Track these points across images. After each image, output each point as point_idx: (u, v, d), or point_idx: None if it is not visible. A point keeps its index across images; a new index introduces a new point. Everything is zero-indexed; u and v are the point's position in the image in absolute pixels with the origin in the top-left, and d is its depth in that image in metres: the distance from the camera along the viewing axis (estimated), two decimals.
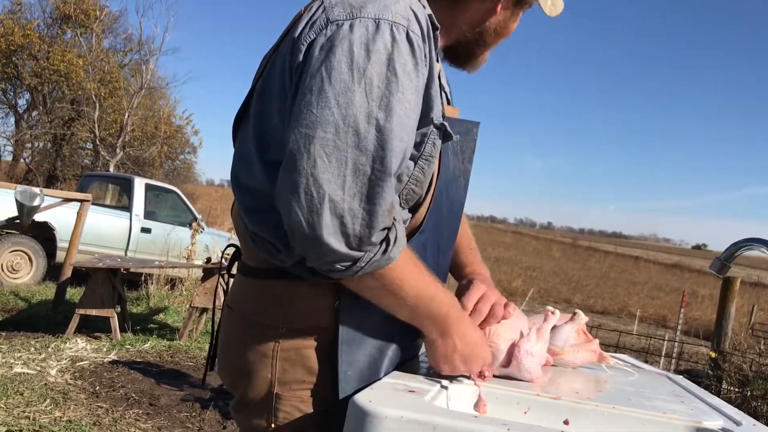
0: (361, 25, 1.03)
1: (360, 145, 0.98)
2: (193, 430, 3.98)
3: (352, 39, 1.02)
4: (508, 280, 22.63)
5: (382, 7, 1.05)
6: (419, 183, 1.15)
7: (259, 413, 1.18)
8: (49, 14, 22.03)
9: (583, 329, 1.48)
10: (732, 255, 1.17)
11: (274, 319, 1.17)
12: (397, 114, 1.01)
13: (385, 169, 0.99)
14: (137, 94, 21.16)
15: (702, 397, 1.35)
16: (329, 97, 0.99)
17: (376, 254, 1.01)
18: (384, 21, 1.03)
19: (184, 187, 19.64)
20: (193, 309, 6.27)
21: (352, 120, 0.98)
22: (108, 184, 12.08)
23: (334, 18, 1.05)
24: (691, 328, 13.68)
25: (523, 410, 1.15)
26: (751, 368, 5.23)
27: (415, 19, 1.08)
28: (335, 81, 0.99)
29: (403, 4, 1.07)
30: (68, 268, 6.91)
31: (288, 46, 1.10)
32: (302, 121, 1.00)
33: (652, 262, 48.32)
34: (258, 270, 1.20)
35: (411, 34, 1.05)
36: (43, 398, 4.05)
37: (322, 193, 0.96)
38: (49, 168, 22.76)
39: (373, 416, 0.90)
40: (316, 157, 0.97)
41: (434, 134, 1.14)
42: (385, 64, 1.02)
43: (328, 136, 0.97)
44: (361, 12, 1.04)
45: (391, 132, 1.00)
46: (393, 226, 1.02)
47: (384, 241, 1.01)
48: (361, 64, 1.00)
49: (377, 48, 1.02)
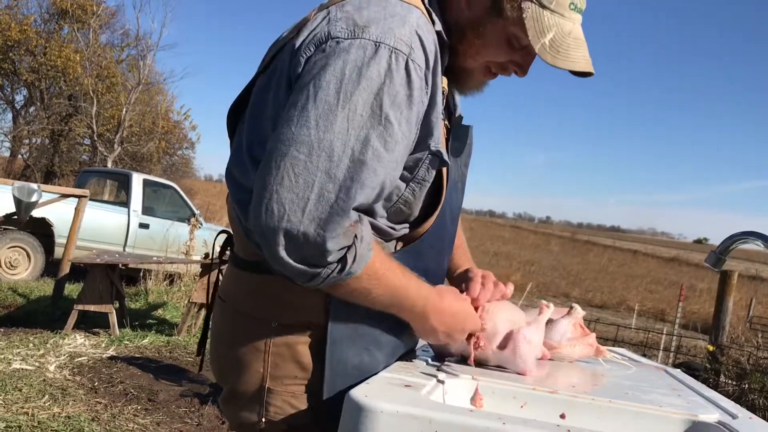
0: (359, 46, 1.01)
1: (330, 171, 0.98)
2: (191, 425, 3.98)
3: (347, 60, 1.00)
4: (506, 275, 22.61)
5: (385, 29, 1.02)
6: (408, 204, 1.15)
7: (250, 407, 1.18)
8: (46, 9, 21.96)
9: (580, 323, 1.49)
10: (727, 248, 1.17)
11: (266, 313, 1.17)
12: (374, 147, 1.00)
13: (349, 200, 0.99)
14: (135, 89, 21.10)
15: (699, 390, 1.35)
16: (310, 116, 0.98)
17: (333, 272, 1.02)
18: (384, 46, 1.01)
19: (182, 183, 19.59)
20: (192, 304, 6.27)
21: (327, 144, 0.97)
22: (106, 180, 12.06)
23: (335, 34, 1.03)
24: (690, 321, 13.69)
25: (520, 404, 1.15)
26: (748, 361, 5.24)
27: (420, 44, 1.05)
28: (320, 101, 0.98)
29: (408, 28, 1.04)
30: (66, 264, 6.91)
31: (288, 53, 1.09)
32: (279, 135, 1.00)
33: (650, 256, 48.33)
34: (252, 263, 1.20)
35: (410, 63, 1.03)
36: (41, 394, 4.05)
37: (281, 212, 0.97)
38: (47, 164, 22.71)
39: (368, 411, 0.90)
40: (284, 175, 0.97)
41: (428, 160, 1.13)
42: (373, 93, 1.00)
43: (300, 156, 0.97)
44: (363, 32, 1.02)
45: (364, 165, 0.99)
46: (353, 245, 1.02)
47: (340, 260, 1.01)
48: (349, 89, 0.99)
49: (370, 74, 1.00)
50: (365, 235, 1.05)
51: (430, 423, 0.88)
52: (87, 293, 5.81)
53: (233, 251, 1.30)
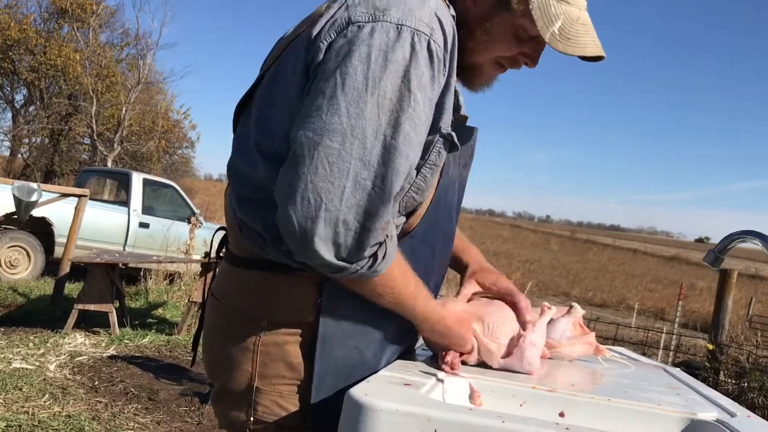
0: (382, 30, 1.01)
1: (364, 158, 0.98)
2: (192, 424, 3.99)
3: (371, 44, 1.00)
4: (506, 274, 22.19)
5: (406, 11, 1.03)
6: (420, 191, 1.14)
7: (239, 406, 1.18)
8: (46, 9, 21.95)
9: (580, 322, 1.49)
10: (725, 247, 1.18)
11: (256, 311, 1.16)
12: (405, 131, 1.00)
13: (385, 187, 0.99)
14: (134, 88, 21.08)
15: (697, 389, 1.35)
16: (340, 104, 0.98)
17: (362, 267, 1.02)
18: (406, 28, 1.02)
19: (182, 182, 19.59)
20: (192, 303, 6.28)
21: (359, 132, 0.97)
22: (106, 179, 12.06)
23: (355, 19, 1.03)
24: (689, 320, 13.69)
25: (519, 403, 1.16)
26: (748, 360, 5.25)
27: (440, 26, 1.06)
28: (348, 88, 0.98)
29: (428, 9, 1.05)
30: (66, 263, 6.92)
31: (304, 42, 1.08)
32: (310, 125, 0.99)
33: (650, 254, 48.33)
34: (243, 260, 1.19)
35: (432, 44, 1.03)
36: (42, 393, 4.06)
37: (318, 201, 0.96)
38: (47, 163, 22.70)
39: (368, 409, 0.91)
40: (318, 165, 0.97)
41: (440, 143, 1.13)
42: (400, 76, 1.00)
43: (333, 145, 0.97)
44: (384, 15, 1.02)
45: (397, 149, 1.00)
46: (384, 243, 1.02)
47: (372, 256, 1.02)
48: (377, 74, 0.99)
49: (395, 57, 1.00)
50: (394, 235, 1.06)
51: (429, 421, 0.89)
52: (87, 292, 5.81)
53: (228, 248, 1.29)
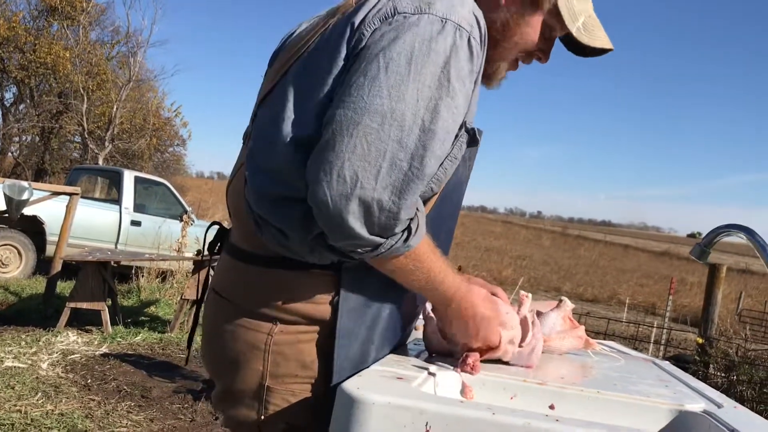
0: (428, 21, 1.04)
1: (402, 140, 0.99)
2: (185, 422, 3.99)
3: (417, 33, 1.03)
4: (498, 270, 22.68)
5: (449, 6, 1.06)
6: (439, 181, 1.16)
7: (249, 405, 1.17)
8: (35, 6, 21.81)
9: (569, 316, 1.50)
10: (711, 241, 1.19)
11: (269, 310, 1.15)
12: (443, 118, 1.03)
13: (422, 168, 1.01)
14: (125, 86, 21.01)
15: (686, 381, 1.37)
16: (382, 86, 1.00)
17: (397, 242, 1.03)
18: (450, 22, 1.04)
19: (173, 180, 19.55)
20: (185, 301, 6.27)
21: (399, 114, 0.99)
22: (97, 177, 12.01)
23: (402, 9, 1.05)
24: (680, 315, 13.78)
25: (510, 396, 1.17)
26: (737, 353, 5.29)
27: (477, 24, 1.09)
28: (391, 72, 1.00)
29: (468, 7, 1.08)
30: (58, 261, 6.89)
31: (343, 30, 1.09)
32: (350, 104, 1.00)
33: (641, 250, 48.55)
34: (255, 255, 1.18)
35: (472, 41, 1.06)
36: (34, 392, 4.06)
37: (355, 179, 0.97)
38: (38, 161, 22.60)
39: (361, 402, 0.92)
40: (357, 143, 0.98)
41: (463, 137, 1.15)
42: (441, 66, 1.03)
43: (373, 125, 0.99)
44: (430, 8, 1.05)
45: (434, 134, 1.02)
46: (416, 216, 1.05)
47: (406, 230, 1.03)
48: (420, 61, 1.01)
49: (438, 48, 1.03)
50: (422, 208, 1.08)
51: (421, 414, 0.90)
52: (79, 291, 5.80)
53: (232, 243, 1.27)
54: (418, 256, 1.09)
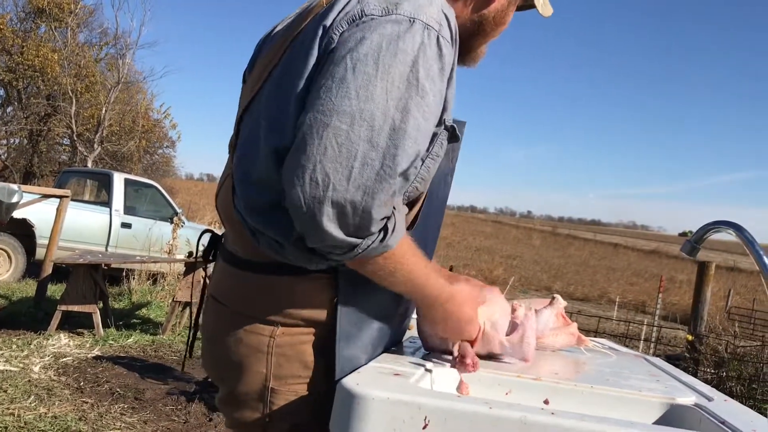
0: (395, 21, 1.05)
1: (372, 140, 0.99)
2: (178, 423, 3.99)
3: (383, 33, 1.03)
4: (489, 269, 22.74)
5: (417, 6, 1.06)
6: (423, 181, 1.16)
7: (253, 406, 1.18)
8: (22, 8, 21.71)
9: (562, 313, 1.52)
10: (701, 237, 1.22)
11: (270, 314, 1.16)
12: (414, 116, 1.03)
13: (394, 167, 1.01)
14: (114, 88, 20.94)
15: (676, 375, 1.40)
16: (350, 87, 1.00)
17: (374, 242, 1.03)
18: (418, 21, 1.05)
19: (163, 182, 19.50)
20: (176, 303, 6.27)
21: (368, 114, 0.99)
22: (87, 180, 11.96)
23: (369, 11, 1.06)
24: (669, 312, 13.87)
25: (505, 391, 1.19)
26: (726, 350, 5.34)
27: (447, 22, 1.10)
28: (359, 72, 1.01)
29: (436, 6, 1.09)
30: (49, 264, 6.87)
31: (314, 33, 1.09)
32: (319, 106, 1.01)
33: (630, 249, 48.76)
34: (253, 263, 1.19)
35: (441, 39, 1.07)
36: (27, 395, 4.05)
37: (327, 181, 0.97)
38: (26, 164, 22.48)
39: (360, 398, 0.93)
40: (327, 145, 0.98)
41: (443, 135, 1.16)
42: (409, 65, 1.03)
43: (342, 126, 0.99)
44: (397, 8, 1.06)
45: (405, 133, 1.02)
46: (392, 216, 1.04)
47: (382, 230, 1.03)
48: (387, 61, 1.02)
49: (405, 47, 1.03)
50: (401, 208, 1.08)
51: (419, 409, 0.92)
52: (70, 293, 5.78)
53: (226, 249, 1.28)
54: (398, 256, 1.09)
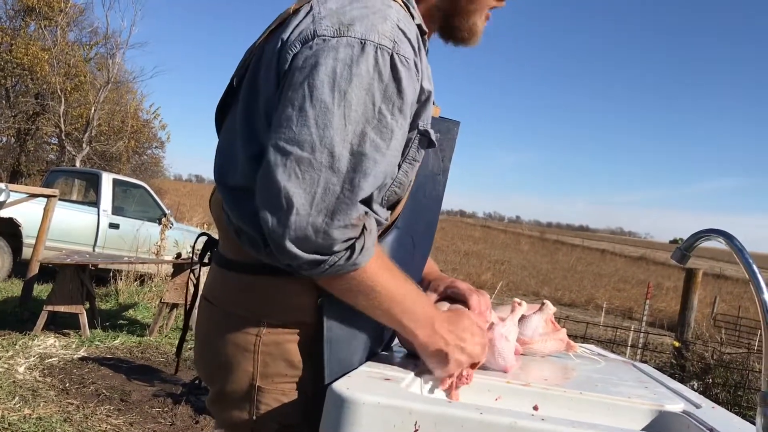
0: (347, 44, 1.05)
1: (333, 166, 1.03)
2: (165, 425, 3.97)
3: (337, 58, 1.05)
4: (477, 274, 22.78)
5: (369, 26, 1.07)
6: (401, 185, 1.19)
7: (241, 406, 1.19)
8: (11, 6, 21.57)
9: (552, 319, 1.53)
10: (692, 245, 1.22)
11: (255, 313, 1.18)
12: (371, 139, 1.05)
13: (353, 190, 1.04)
14: (104, 88, 20.85)
15: (665, 382, 1.41)
16: (309, 116, 1.03)
17: (340, 260, 1.05)
18: (369, 43, 1.06)
19: (152, 182, 19.40)
20: (164, 305, 6.24)
21: (328, 142, 1.02)
22: (75, 180, 11.88)
23: (321, 32, 1.07)
24: (656, 319, 13.95)
25: (495, 397, 1.20)
26: (712, 357, 5.37)
27: (403, 36, 1.10)
28: (316, 101, 1.03)
29: (390, 23, 1.09)
30: (35, 264, 6.82)
31: (276, 47, 1.12)
32: (281, 135, 1.04)
33: (618, 255, 48.97)
34: (240, 264, 1.21)
35: (395, 57, 1.07)
36: (11, 396, 4.01)
37: (291, 206, 1.01)
38: (13, 163, 22.31)
39: (351, 403, 0.94)
40: (291, 173, 1.02)
41: (417, 139, 1.18)
42: (365, 89, 1.05)
43: (304, 155, 1.02)
44: (349, 31, 1.06)
45: (364, 156, 1.04)
46: (361, 236, 1.06)
47: (348, 249, 1.05)
48: (343, 87, 1.04)
49: (359, 72, 1.05)
50: (372, 228, 1.09)
51: (410, 414, 0.92)
52: (57, 294, 5.75)
53: (218, 252, 1.31)
54: (369, 277, 1.10)
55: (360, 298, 1.12)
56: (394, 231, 1.24)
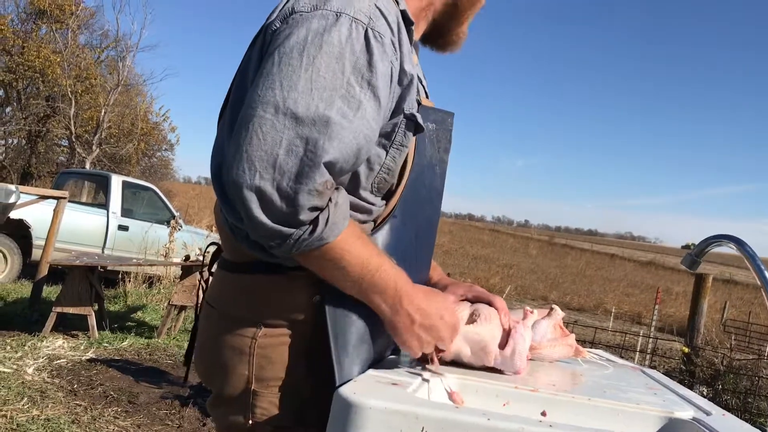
0: (321, 16, 1.07)
1: (296, 128, 1.01)
2: (172, 428, 3.98)
3: (309, 27, 1.06)
4: (485, 278, 22.71)
5: (345, 2, 1.08)
6: (390, 171, 1.19)
7: (237, 409, 1.19)
8: (23, 9, 21.74)
9: (560, 324, 1.52)
10: (702, 251, 1.21)
11: (252, 315, 1.18)
12: (338, 106, 1.04)
13: (317, 152, 1.01)
14: (114, 90, 20.98)
15: (674, 389, 1.39)
16: (275, 79, 1.03)
17: (304, 233, 1.03)
18: (344, 15, 1.07)
19: (161, 185, 19.51)
20: (172, 307, 6.25)
21: (292, 103, 1.01)
22: (84, 182, 11.97)
23: (298, 8, 1.09)
24: (666, 324, 13.84)
25: (503, 402, 1.19)
26: (722, 363, 5.33)
27: (380, 14, 1.11)
28: (284, 65, 1.03)
29: (368, 1, 1.10)
30: (45, 266, 6.85)
31: (261, 36, 1.14)
32: (248, 101, 1.04)
33: (627, 259, 48.77)
34: (236, 264, 1.21)
35: (369, 32, 1.08)
36: (20, 397, 4.03)
37: (253, 170, 1.00)
38: (23, 165, 22.46)
39: (358, 407, 0.93)
40: (252, 135, 1.01)
41: (404, 124, 1.17)
42: (335, 57, 1.05)
43: (266, 116, 1.01)
44: (325, 5, 1.08)
45: (329, 120, 1.03)
46: (327, 208, 1.04)
47: (312, 222, 1.03)
48: (312, 53, 1.04)
49: (331, 40, 1.05)
50: (341, 202, 1.07)
51: (417, 419, 0.91)
52: (66, 295, 5.77)
53: (222, 257, 1.30)
54: (338, 250, 1.07)
55: (329, 269, 1.10)
56: (390, 220, 1.23)
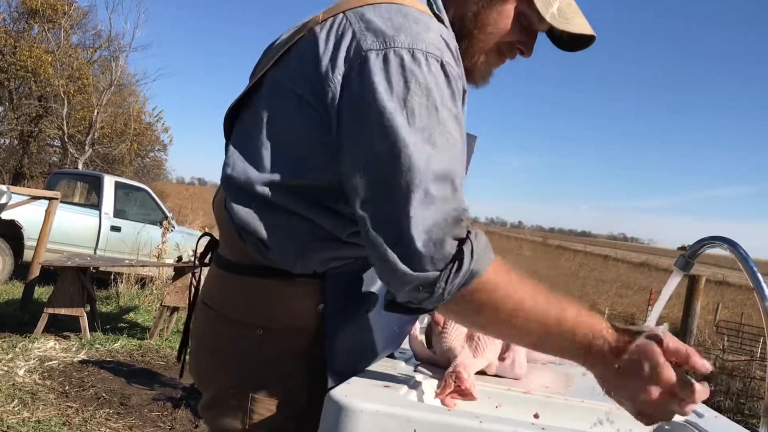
0: (396, 56, 1.02)
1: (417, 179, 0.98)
2: (164, 429, 3.96)
3: (390, 71, 1.01)
4: None
5: (414, 36, 1.03)
6: None
7: (233, 413, 1.16)
8: (15, 8, 21.65)
9: None
10: (695, 252, 1.21)
11: (253, 318, 1.15)
12: (440, 146, 1.00)
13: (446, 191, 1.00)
14: (107, 90, 20.92)
15: None
16: (372, 135, 0.99)
17: (451, 272, 0.98)
18: (418, 51, 1.02)
19: (154, 185, 19.42)
20: (165, 308, 6.23)
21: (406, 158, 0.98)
22: (77, 182, 11.91)
23: (367, 47, 1.03)
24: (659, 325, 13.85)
25: (495, 405, 1.18)
26: (715, 364, 5.34)
27: (446, 46, 1.07)
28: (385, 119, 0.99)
29: (434, 33, 1.06)
30: (36, 266, 6.82)
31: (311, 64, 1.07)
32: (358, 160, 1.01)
33: (621, 260, 48.91)
34: (241, 266, 1.18)
35: (445, 65, 1.04)
36: (10, 399, 4.01)
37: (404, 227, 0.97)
38: (15, 165, 22.37)
39: (349, 410, 0.92)
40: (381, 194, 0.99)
41: None
42: (425, 96, 1.01)
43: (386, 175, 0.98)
44: (395, 42, 1.02)
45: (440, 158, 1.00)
46: (467, 239, 1.00)
47: (456, 256, 0.98)
48: (401, 95, 1.00)
49: (416, 79, 1.01)
50: (478, 232, 1.03)
51: (408, 422, 0.91)
52: (57, 296, 5.74)
53: (219, 254, 1.27)
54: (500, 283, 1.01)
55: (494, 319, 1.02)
56: None
